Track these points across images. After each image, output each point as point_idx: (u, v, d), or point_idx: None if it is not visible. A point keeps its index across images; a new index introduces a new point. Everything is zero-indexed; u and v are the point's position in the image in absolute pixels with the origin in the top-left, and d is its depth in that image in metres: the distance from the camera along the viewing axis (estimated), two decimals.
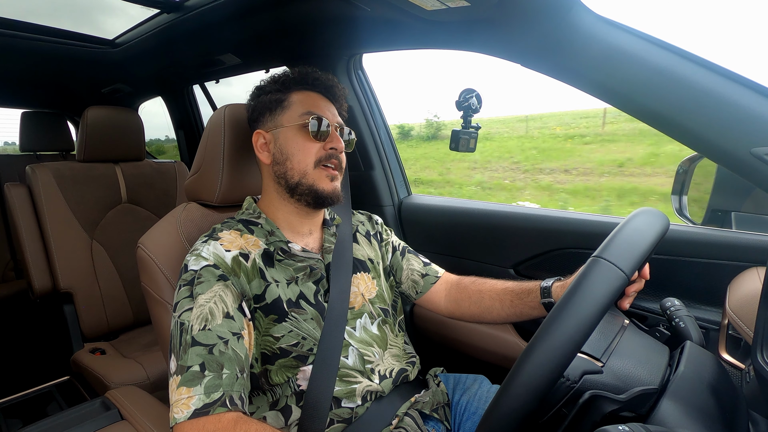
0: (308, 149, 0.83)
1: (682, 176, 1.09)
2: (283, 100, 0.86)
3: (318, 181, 0.83)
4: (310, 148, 0.83)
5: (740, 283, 0.80)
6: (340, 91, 0.91)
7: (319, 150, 0.83)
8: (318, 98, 0.87)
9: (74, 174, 1.70)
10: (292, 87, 0.87)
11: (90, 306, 1.65)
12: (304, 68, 0.89)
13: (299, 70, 0.88)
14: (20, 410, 1.49)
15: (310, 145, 0.83)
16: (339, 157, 0.86)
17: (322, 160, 0.83)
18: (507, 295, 0.93)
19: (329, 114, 0.86)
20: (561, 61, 0.79)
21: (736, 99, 0.64)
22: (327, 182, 0.83)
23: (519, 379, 0.47)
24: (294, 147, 0.83)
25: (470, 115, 1.07)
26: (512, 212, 1.27)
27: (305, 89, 0.87)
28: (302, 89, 0.87)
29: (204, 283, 0.71)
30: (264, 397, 0.78)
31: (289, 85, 0.87)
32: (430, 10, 0.88)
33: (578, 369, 0.59)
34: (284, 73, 0.90)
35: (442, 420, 0.86)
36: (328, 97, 0.89)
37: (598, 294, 0.49)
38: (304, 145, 0.83)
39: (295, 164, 0.83)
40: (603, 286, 0.50)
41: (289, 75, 0.88)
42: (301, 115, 0.84)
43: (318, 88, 0.88)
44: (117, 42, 1.75)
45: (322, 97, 0.88)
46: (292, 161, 0.83)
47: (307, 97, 0.86)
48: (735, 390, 0.60)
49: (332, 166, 0.84)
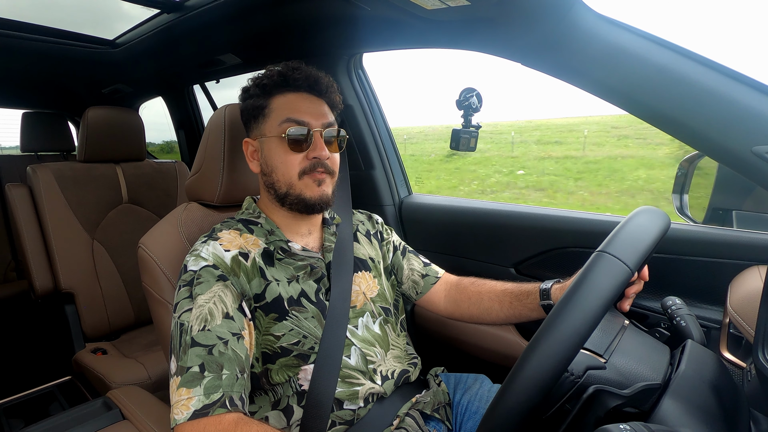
0: (290, 162, 0.79)
1: (682, 175, 1.09)
2: (265, 107, 0.82)
3: (305, 189, 0.80)
4: (292, 160, 0.79)
5: (741, 281, 0.80)
6: (328, 84, 0.85)
7: (302, 160, 0.80)
8: (300, 99, 0.82)
9: (75, 174, 1.70)
10: (273, 91, 0.82)
11: (91, 306, 1.65)
12: (286, 66, 0.83)
13: (279, 71, 0.83)
14: (22, 410, 1.49)
15: (292, 157, 0.79)
16: (325, 164, 0.81)
17: (307, 171, 0.80)
18: (506, 296, 0.93)
19: (313, 117, 0.81)
20: (561, 60, 0.79)
21: (738, 98, 0.64)
22: (314, 188, 0.81)
23: (524, 372, 0.47)
24: (277, 160, 0.80)
25: (470, 114, 1.07)
26: (513, 211, 1.27)
27: (287, 91, 0.82)
28: (284, 92, 0.82)
29: (203, 283, 0.71)
30: (266, 397, 0.78)
31: (270, 90, 0.82)
32: (430, 9, 0.88)
33: (582, 364, 0.59)
34: (265, 74, 0.84)
35: (444, 420, 0.86)
36: (314, 94, 0.84)
37: (602, 288, 0.49)
38: (286, 157, 0.79)
39: (280, 176, 0.81)
40: (608, 279, 0.50)
41: (269, 77, 0.83)
42: (281, 123, 0.80)
43: (301, 88, 0.82)
44: (117, 42, 1.75)
45: (307, 96, 0.83)
46: (276, 173, 0.81)
47: (288, 101, 0.81)
48: (736, 389, 0.60)
49: (318, 172, 0.81)
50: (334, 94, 0.87)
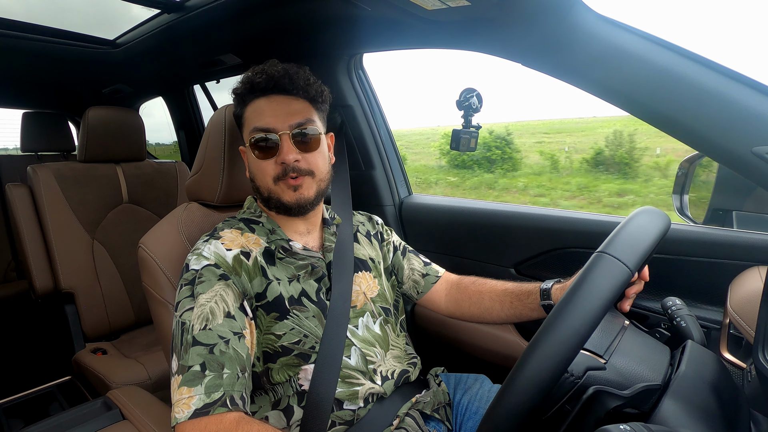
0: (263, 169, 0.81)
1: (682, 176, 1.09)
2: (241, 116, 0.83)
3: (281, 194, 0.81)
4: (264, 167, 0.80)
5: (741, 282, 0.80)
6: (299, 78, 0.81)
7: (274, 166, 0.80)
8: (267, 104, 0.80)
9: (75, 174, 1.70)
10: (246, 98, 0.82)
11: (91, 306, 1.65)
12: (253, 70, 0.82)
13: (247, 77, 0.82)
14: (22, 410, 1.50)
15: (264, 164, 0.80)
16: (297, 167, 0.79)
17: (280, 176, 0.80)
18: (507, 296, 0.93)
19: (278, 120, 0.79)
20: (562, 61, 0.79)
21: (738, 98, 0.64)
22: (290, 193, 0.81)
23: (523, 372, 0.47)
24: (254, 168, 0.83)
25: (471, 114, 1.07)
26: (513, 212, 1.27)
27: (256, 98, 0.81)
28: (254, 99, 0.82)
29: (205, 282, 0.71)
30: (266, 396, 0.78)
31: (243, 98, 0.83)
32: (430, 9, 0.88)
33: (582, 365, 0.59)
34: (241, 81, 0.83)
35: (443, 420, 0.86)
36: (283, 93, 0.81)
37: (602, 288, 0.49)
38: (259, 165, 0.81)
39: (259, 183, 0.83)
40: (607, 280, 0.50)
41: (244, 84, 0.82)
42: (251, 132, 0.80)
43: (268, 91, 0.80)
44: (118, 42, 1.75)
45: (275, 97, 0.81)
46: (256, 180, 0.83)
47: (256, 109, 0.81)
48: (736, 389, 0.60)
49: (292, 178, 0.80)
50: (311, 87, 0.83)
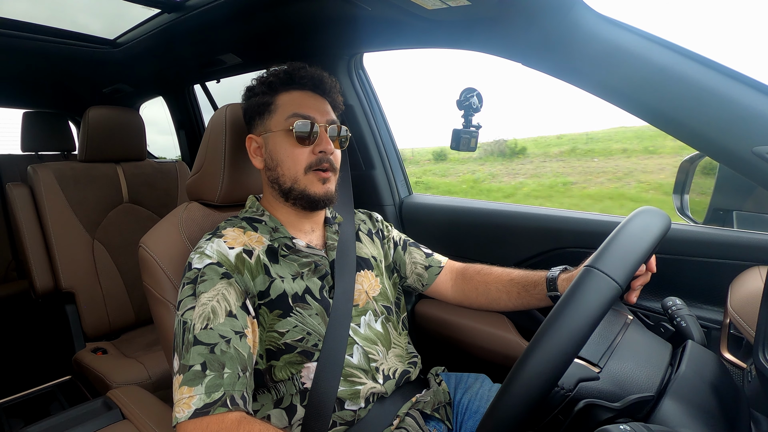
0: (297, 156, 0.81)
1: (683, 175, 1.09)
2: (270, 104, 0.84)
3: (309, 185, 0.82)
4: (298, 154, 0.81)
5: (742, 282, 0.80)
6: (331, 84, 0.87)
7: (309, 155, 0.81)
8: (306, 97, 0.84)
9: (76, 174, 1.70)
10: (279, 88, 0.84)
11: (91, 306, 1.65)
12: (291, 65, 0.85)
13: (285, 70, 0.85)
14: (22, 410, 1.50)
15: (298, 151, 0.81)
16: (330, 159, 0.83)
17: (313, 165, 0.81)
18: (513, 287, 0.94)
19: (318, 113, 0.83)
20: (562, 60, 0.79)
21: (738, 98, 0.64)
22: (319, 186, 0.82)
23: (513, 389, 0.48)
24: (283, 153, 0.82)
25: (471, 114, 1.07)
26: (513, 211, 1.27)
27: (292, 89, 0.84)
28: (289, 89, 0.84)
29: (207, 281, 0.71)
30: (268, 395, 0.78)
31: (275, 87, 0.84)
32: (430, 9, 0.88)
33: (574, 377, 0.59)
34: (271, 73, 0.86)
35: (444, 419, 0.86)
36: (318, 93, 0.86)
37: (590, 306, 0.49)
38: (292, 151, 0.81)
39: (286, 171, 0.82)
40: (595, 297, 0.49)
41: (275, 75, 0.85)
42: (288, 118, 0.81)
43: (306, 86, 0.85)
44: (118, 42, 1.75)
45: (312, 94, 0.85)
46: (282, 168, 0.82)
47: (293, 98, 0.83)
48: (737, 389, 0.60)
49: (323, 170, 0.82)
50: (336, 95, 0.89)
